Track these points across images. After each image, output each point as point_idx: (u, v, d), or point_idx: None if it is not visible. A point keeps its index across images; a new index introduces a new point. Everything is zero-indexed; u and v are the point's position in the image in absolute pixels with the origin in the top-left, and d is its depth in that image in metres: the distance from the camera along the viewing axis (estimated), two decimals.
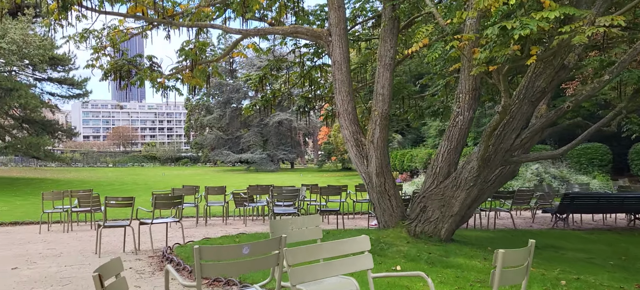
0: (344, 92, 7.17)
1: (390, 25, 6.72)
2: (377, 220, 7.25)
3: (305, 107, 12.62)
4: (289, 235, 3.57)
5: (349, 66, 7.44)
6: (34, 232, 10.50)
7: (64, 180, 40.28)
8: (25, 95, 35.73)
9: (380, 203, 7.08)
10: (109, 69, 10.09)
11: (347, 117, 7.17)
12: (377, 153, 6.89)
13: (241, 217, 12.45)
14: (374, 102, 6.82)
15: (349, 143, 7.19)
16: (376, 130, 6.85)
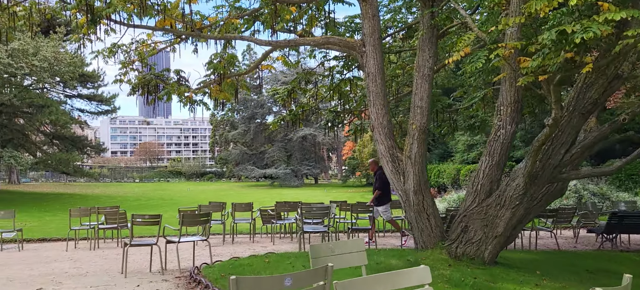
0: (379, 105, 6.82)
1: (429, 33, 6.37)
2: (415, 241, 6.83)
3: (334, 122, 12.29)
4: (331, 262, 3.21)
5: (384, 78, 7.10)
6: (61, 249, 10.38)
7: (92, 196, 40.80)
8: (55, 112, 36.46)
9: (418, 223, 6.66)
10: (137, 84, 9.98)
11: (382, 131, 6.81)
12: (415, 169, 6.49)
13: (268, 235, 12.13)
14: (412, 115, 6.45)
15: (384, 158, 6.82)
16: (414, 145, 6.46)
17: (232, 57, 8.18)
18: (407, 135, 6.57)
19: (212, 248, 9.51)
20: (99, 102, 42.76)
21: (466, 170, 29.25)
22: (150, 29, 8.24)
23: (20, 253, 9.95)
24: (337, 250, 3.32)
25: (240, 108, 72.36)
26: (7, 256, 9.47)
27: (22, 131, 39.31)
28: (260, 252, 9.12)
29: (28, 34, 27.87)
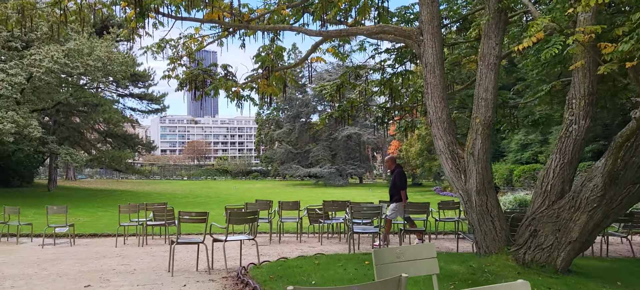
0: (437, 98, 6.32)
1: (495, 18, 5.81)
2: (477, 245, 6.29)
3: (384, 118, 11.80)
4: (397, 269, 2.81)
5: (443, 69, 6.58)
6: (110, 245, 10.43)
7: (142, 192, 41.92)
8: (109, 111, 37.70)
9: (481, 225, 6.12)
10: (185, 79, 9.86)
11: (441, 126, 6.30)
12: (478, 167, 5.95)
13: (316, 235, 11.79)
14: (475, 108, 5.92)
15: (444, 155, 6.31)
16: (477, 141, 5.92)
17: (280, 49, 7.88)
18: (470, 130, 6.04)
19: (259, 247, 9.25)
20: (149, 101, 43.90)
21: (520, 171, 27.94)
22: (198, 22, 8.06)
23: (72, 248, 10.05)
24: (404, 255, 2.91)
25: (286, 107, 72.73)
26: (59, 251, 9.58)
27: (77, 129, 40.90)
28: (309, 253, 8.78)
29: (83, 35, 28.85)
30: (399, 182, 9.89)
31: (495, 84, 5.95)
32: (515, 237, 6.33)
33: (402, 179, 9.95)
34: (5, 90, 24.31)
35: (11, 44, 27.99)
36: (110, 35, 31.87)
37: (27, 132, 25.09)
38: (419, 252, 3.03)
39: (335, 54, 8.53)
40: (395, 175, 10.02)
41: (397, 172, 10.07)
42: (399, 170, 10.14)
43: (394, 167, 10.23)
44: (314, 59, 8.42)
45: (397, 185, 9.91)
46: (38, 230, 11.67)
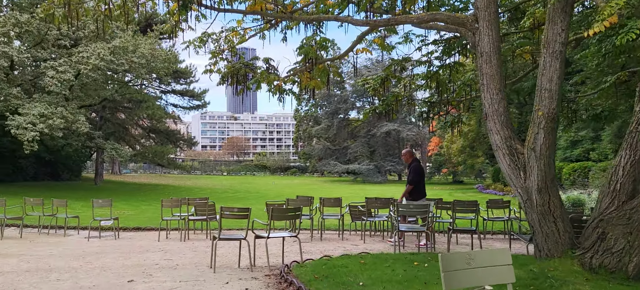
0: (494, 89, 5.89)
1: (562, 1, 5.33)
2: (537, 248, 5.84)
3: (428, 113, 11.36)
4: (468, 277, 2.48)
5: (501, 58, 6.14)
6: (153, 239, 10.46)
7: (183, 187, 42.71)
8: (152, 107, 38.50)
9: (543, 226, 5.66)
10: (227, 73, 9.76)
11: (498, 120, 5.87)
12: (540, 164, 5.50)
13: (358, 232, 11.49)
14: (537, 99, 5.46)
15: (500, 151, 5.88)
16: (539, 135, 5.47)
17: (325, 41, 7.61)
18: (531, 124, 5.58)
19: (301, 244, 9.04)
20: (190, 97, 44.63)
21: (569, 169, 26.69)
22: (241, 13, 7.89)
23: (116, 241, 10.14)
24: (475, 261, 2.57)
25: (324, 103, 72.55)
26: (104, 244, 9.66)
27: (122, 125, 42.05)
28: (352, 251, 8.49)
29: (128, 32, 29.52)
30: (411, 176, 9.52)
31: (561, 73, 5.47)
32: (579, 239, 5.84)
33: (416, 173, 9.52)
34: (55, 87, 25.13)
35: (61, 42, 28.96)
36: (154, 33, 32.50)
37: (75, 128, 25.89)
38: (493, 257, 2.69)
39: (381, 46, 8.19)
40: (411, 170, 9.62)
41: (414, 166, 9.67)
42: (416, 164, 9.74)
43: (411, 161, 9.83)
44: (359, 50, 8.12)
45: (409, 179, 9.61)
46: (84, 223, 11.88)
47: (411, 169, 9.60)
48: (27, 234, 11.34)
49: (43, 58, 28.50)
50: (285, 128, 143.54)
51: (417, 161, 9.89)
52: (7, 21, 24.24)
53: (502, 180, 34.73)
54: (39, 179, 37.38)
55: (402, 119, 67.42)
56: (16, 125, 23.26)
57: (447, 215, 10.83)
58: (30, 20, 25.47)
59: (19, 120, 23.29)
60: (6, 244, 9.65)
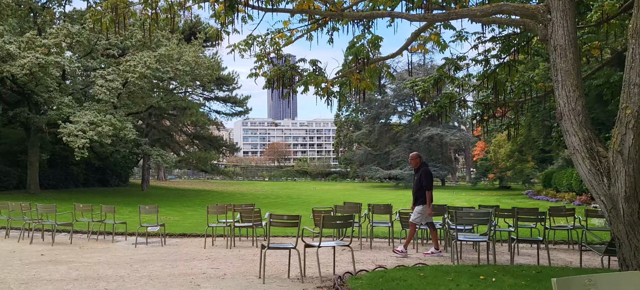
0: (570, 86, 5.31)
1: None
2: (624, 262, 5.20)
3: (482, 115, 10.73)
4: None
5: (578, 51, 5.55)
6: (199, 246, 10.30)
7: (226, 193, 43.15)
8: (196, 114, 39.15)
9: (631, 239, 5.03)
10: (273, 76, 9.50)
11: (575, 119, 5.28)
12: (628, 168, 4.88)
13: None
14: (625, 96, 4.86)
15: (579, 154, 5.28)
16: (627, 136, 4.86)
17: (377, 39, 7.20)
18: (618, 124, 4.97)
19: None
20: (233, 103, 45.11)
21: None
22: (289, 12, 7.59)
23: (163, 248, 10.03)
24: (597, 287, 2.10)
25: (365, 108, 71.92)
26: (151, 251, 9.56)
27: (167, 132, 42.93)
28: (407, 262, 8.01)
29: (173, 41, 30.05)
30: (426, 182, 8.99)
31: None
32: None
33: (428, 178, 9.06)
34: (104, 95, 25.79)
35: (109, 51, 29.79)
36: (198, 41, 32.98)
37: (123, 135, 26.47)
38: (618, 282, 2.21)
39: (436, 42, 7.69)
40: (422, 174, 9.10)
41: (424, 170, 9.20)
42: (426, 168, 9.27)
43: (420, 165, 9.36)
44: (414, 49, 7.66)
45: (423, 185, 9.02)
46: (132, 229, 11.89)
47: (423, 174, 9.10)
48: (77, 239, 11.43)
49: (93, 67, 29.42)
50: (325, 133, 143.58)
51: (426, 165, 9.44)
52: (59, 32, 25.09)
53: (555, 186, 33.15)
54: (89, 185, 38.61)
55: (445, 124, 66.00)
56: (67, 132, 23.98)
57: (505, 224, 10.17)
58: (80, 31, 26.29)
59: (70, 128, 24.00)
60: (57, 250, 9.71)
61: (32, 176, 29.01)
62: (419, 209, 9.02)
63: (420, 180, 9.08)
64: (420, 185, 9.05)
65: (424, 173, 9.10)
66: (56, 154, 34.16)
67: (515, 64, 8.81)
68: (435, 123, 64.74)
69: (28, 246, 10.11)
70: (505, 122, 10.92)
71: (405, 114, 71.75)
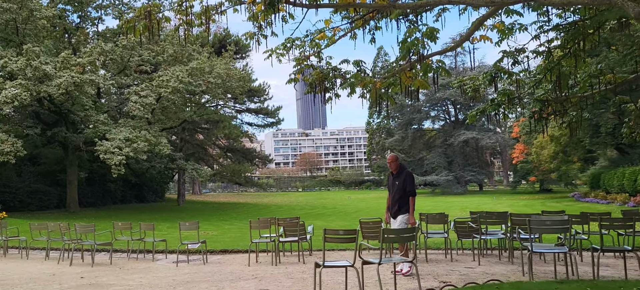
0: None
1: None
2: None
3: (541, 113, 9.86)
4: None
5: None
6: (242, 263, 9.76)
7: (261, 204, 42.89)
8: (228, 126, 39.10)
9: None
10: (315, 79, 8.92)
11: None
12: None
13: (464, 251, 10.15)
14: None
15: None
16: None
17: (433, 31, 6.51)
18: None
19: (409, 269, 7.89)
20: (264, 115, 44.96)
21: None
22: (333, 8, 7.00)
23: (206, 267, 9.53)
24: None
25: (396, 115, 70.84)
26: (193, 271, 9.07)
27: (201, 145, 43.04)
28: (472, 276, 7.24)
29: (204, 54, 30.02)
30: (411, 187, 7.99)
31: None
32: None
33: (413, 183, 8.09)
34: (138, 111, 25.83)
35: (142, 67, 29.98)
36: (228, 53, 32.92)
37: (157, 150, 26.43)
38: None
39: (501, 31, 6.96)
40: (406, 178, 8.05)
41: (407, 174, 8.17)
42: (409, 172, 8.26)
43: (401, 169, 8.28)
44: (476, 39, 6.94)
45: (407, 190, 7.96)
46: (172, 246, 11.48)
47: (407, 178, 8.08)
48: (117, 259, 11.08)
49: (126, 84, 29.62)
50: (356, 142, 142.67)
51: (407, 168, 8.46)
52: (93, 51, 25.31)
53: (604, 187, 31.41)
54: (126, 202, 38.96)
55: (480, 126, 64.26)
56: (104, 150, 24.05)
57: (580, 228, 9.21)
58: (113, 49, 26.50)
59: (107, 145, 24.07)
60: (97, 271, 9.34)
61: (71, 195, 29.32)
62: (404, 219, 7.87)
63: (403, 186, 7.99)
64: (404, 192, 7.96)
65: (408, 177, 8.11)
66: (94, 172, 34.57)
67: (582, 54, 7.95)
68: (471, 127, 63.15)
69: (68, 268, 9.78)
70: (567, 119, 10.01)
71: (438, 119, 70.39)
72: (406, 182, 8.00)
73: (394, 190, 8.11)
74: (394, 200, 8.12)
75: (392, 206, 8.16)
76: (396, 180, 8.14)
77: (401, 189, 7.99)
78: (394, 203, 8.12)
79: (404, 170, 8.29)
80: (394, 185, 8.15)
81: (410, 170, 8.34)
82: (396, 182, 8.10)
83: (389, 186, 8.41)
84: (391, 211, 8.18)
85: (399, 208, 8.00)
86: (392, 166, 8.29)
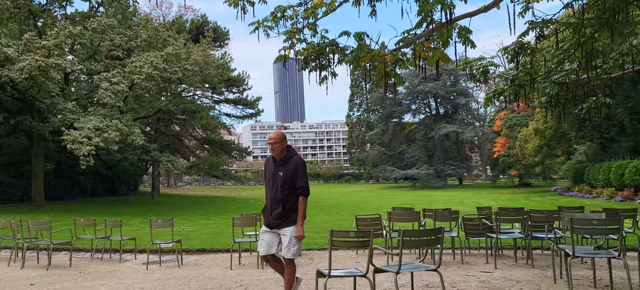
0: None
1: None
2: None
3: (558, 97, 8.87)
4: None
5: None
6: (223, 265, 8.54)
7: (240, 198, 41.45)
8: (206, 117, 37.52)
9: None
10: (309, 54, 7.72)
11: None
12: None
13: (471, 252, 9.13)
14: None
15: None
16: None
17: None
18: None
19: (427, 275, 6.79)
20: (244, 105, 43.47)
21: None
22: None
23: (180, 270, 8.27)
24: None
25: (376, 108, 70.09)
26: (165, 275, 7.79)
27: (177, 137, 41.30)
28: (494, 284, 6.19)
29: (180, 41, 28.40)
30: (303, 182, 5.37)
31: None
32: None
33: (306, 176, 5.47)
34: (109, 99, 24.16)
35: (114, 53, 28.20)
36: (206, 39, 31.37)
37: (130, 140, 24.81)
38: None
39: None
40: (297, 169, 5.38)
41: (299, 163, 5.45)
42: (301, 160, 5.56)
43: (288, 153, 5.51)
44: None
45: (298, 187, 5.35)
46: (142, 244, 10.18)
47: (299, 167, 5.39)
48: (79, 259, 9.74)
49: (97, 70, 27.79)
50: (335, 135, 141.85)
51: (297, 153, 5.71)
52: (59, 33, 23.50)
53: (589, 181, 31.04)
54: (97, 195, 37.05)
55: (460, 120, 63.96)
56: (72, 139, 22.35)
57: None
58: (82, 32, 24.71)
59: (74, 135, 22.37)
60: (52, 275, 8.00)
61: (37, 187, 27.45)
62: (291, 233, 5.25)
63: (292, 179, 5.34)
64: (292, 188, 5.32)
65: (300, 167, 5.41)
66: (62, 164, 32.63)
67: (619, 26, 6.93)
68: (451, 120, 62.74)
69: (18, 272, 8.39)
70: (587, 105, 9.04)
71: (419, 112, 69.83)
72: (297, 174, 5.34)
73: (277, 185, 5.34)
74: (276, 199, 5.33)
75: (272, 208, 5.36)
76: (280, 169, 5.38)
77: (288, 184, 5.31)
78: (275, 204, 5.33)
79: (293, 156, 5.48)
80: (277, 177, 5.38)
81: (300, 158, 5.60)
82: (280, 172, 5.34)
83: (268, 178, 5.58)
84: (270, 217, 5.38)
85: (284, 213, 5.27)
86: (275, 148, 5.43)
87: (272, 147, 5.46)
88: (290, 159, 5.45)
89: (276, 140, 5.42)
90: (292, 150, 5.60)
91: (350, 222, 17.57)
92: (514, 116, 44.02)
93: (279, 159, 5.46)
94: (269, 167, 5.61)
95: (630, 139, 29.50)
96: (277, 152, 5.45)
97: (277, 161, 5.47)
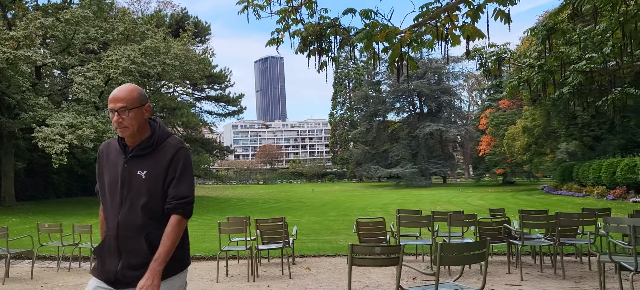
0: None
1: None
2: None
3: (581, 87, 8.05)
4: None
5: None
6: (209, 276, 7.48)
7: (222, 198, 40.20)
8: (186, 114, 36.17)
9: None
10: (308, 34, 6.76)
11: None
12: None
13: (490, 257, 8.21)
14: None
15: None
16: None
17: None
18: None
19: None
20: (226, 103, 42.19)
21: None
22: None
23: None
24: None
25: (360, 106, 69.39)
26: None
27: None
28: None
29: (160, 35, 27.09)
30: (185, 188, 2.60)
31: None
32: None
33: (192, 177, 2.73)
34: (84, 94, 22.79)
35: (88, 46, 26.74)
36: (187, 33, 30.09)
37: (106, 138, 23.42)
38: None
39: None
40: (176, 161, 2.60)
41: (178, 149, 2.63)
42: (180, 144, 2.67)
43: (151, 131, 2.68)
44: None
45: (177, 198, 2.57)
46: None
47: (181, 160, 2.60)
48: (43, 270, 8.56)
49: (71, 64, 26.31)
50: (318, 134, 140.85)
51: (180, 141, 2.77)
52: (30, 24, 22.01)
53: (578, 180, 30.67)
54: (72, 195, 35.38)
55: (445, 119, 63.59)
56: (43, 137, 20.93)
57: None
58: (55, 24, 23.26)
59: (46, 132, 20.96)
60: (9, 289, 6.82)
61: (7, 187, 25.85)
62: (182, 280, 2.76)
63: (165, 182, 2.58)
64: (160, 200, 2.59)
65: (183, 159, 2.63)
66: (34, 162, 30.96)
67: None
68: (436, 119, 62.31)
69: None
70: (611, 96, 8.23)
71: (403, 111, 69.24)
72: (175, 173, 2.60)
73: (131, 197, 2.60)
74: (129, 226, 2.58)
75: (120, 244, 2.58)
76: (139, 165, 2.62)
77: (158, 195, 2.59)
78: (127, 235, 2.58)
79: (167, 139, 2.69)
80: (133, 180, 2.61)
81: (185, 149, 2.69)
82: (138, 171, 2.60)
83: (109, 183, 2.75)
84: (115, 262, 2.57)
85: (149, 251, 2.51)
86: (125, 121, 2.58)
87: (120, 119, 2.57)
88: (160, 144, 2.66)
89: (128, 102, 2.59)
90: (164, 128, 2.75)
91: (338, 223, 16.63)
92: (500, 114, 43.63)
93: (134, 144, 2.66)
94: (110, 161, 2.75)
95: (619, 137, 29.18)
96: (130, 130, 2.60)
97: (130, 149, 2.66)
